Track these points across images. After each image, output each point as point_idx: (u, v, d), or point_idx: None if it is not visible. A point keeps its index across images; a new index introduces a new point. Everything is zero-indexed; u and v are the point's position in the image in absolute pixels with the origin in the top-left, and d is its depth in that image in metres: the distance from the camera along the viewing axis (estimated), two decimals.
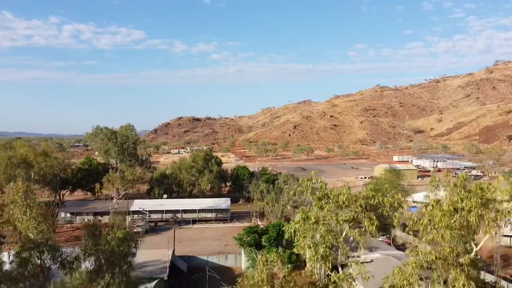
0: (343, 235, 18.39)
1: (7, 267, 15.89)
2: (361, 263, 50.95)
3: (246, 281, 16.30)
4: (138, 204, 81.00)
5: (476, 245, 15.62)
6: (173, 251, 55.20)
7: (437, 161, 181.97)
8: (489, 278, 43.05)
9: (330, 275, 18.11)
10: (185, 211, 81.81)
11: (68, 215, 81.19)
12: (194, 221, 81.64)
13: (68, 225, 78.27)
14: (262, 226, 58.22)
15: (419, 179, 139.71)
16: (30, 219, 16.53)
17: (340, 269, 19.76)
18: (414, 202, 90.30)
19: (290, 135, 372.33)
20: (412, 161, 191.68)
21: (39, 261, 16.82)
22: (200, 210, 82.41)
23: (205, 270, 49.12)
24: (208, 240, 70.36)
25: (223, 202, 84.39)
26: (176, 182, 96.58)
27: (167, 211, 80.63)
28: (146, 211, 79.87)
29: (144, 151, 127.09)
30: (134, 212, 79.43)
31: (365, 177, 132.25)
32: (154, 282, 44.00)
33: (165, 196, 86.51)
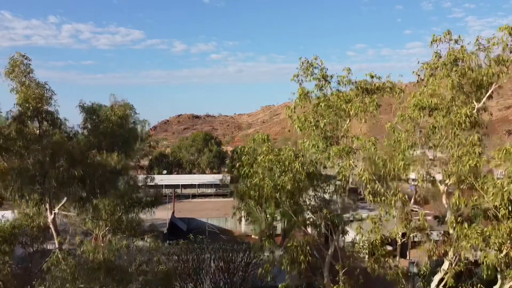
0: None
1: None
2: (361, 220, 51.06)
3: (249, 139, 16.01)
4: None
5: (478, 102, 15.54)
6: (173, 212, 55.28)
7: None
8: None
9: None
10: (184, 186, 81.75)
11: None
12: (194, 196, 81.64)
13: None
14: None
15: None
16: (28, 87, 16.44)
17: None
18: (413, 180, 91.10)
19: (289, 131, 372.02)
20: None
21: (38, 131, 16.72)
22: (200, 185, 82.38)
23: (204, 232, 49.20)
24: (207, 211, 70.33)
25: (223, 178, 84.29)
26: (175, 162, 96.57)
27: (166, 186, 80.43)
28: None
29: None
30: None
31: None
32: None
33: (164, 172, 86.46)
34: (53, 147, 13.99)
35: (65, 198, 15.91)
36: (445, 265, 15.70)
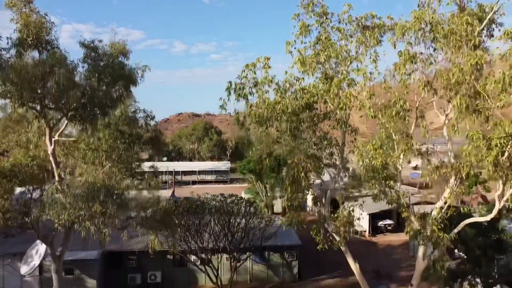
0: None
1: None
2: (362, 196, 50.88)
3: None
4: None
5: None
6: (173, 192, 55.27)
7: (435, 145, 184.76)
8: None
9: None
10: (185, 173, 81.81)
11: None
12: (194, 183, 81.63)
13: None
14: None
15: None
16: (28, 15, 16.34)
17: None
18: (415, 168, 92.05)
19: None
20: None
21: (39, 69, 16.56)
22: (200, 172, 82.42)
23: None
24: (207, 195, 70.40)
25: (223, 165, 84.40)
26: (176, 151, 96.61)
27: (166, 172, 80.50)
28: (145, 172, 79.92)
29: None
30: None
31: None
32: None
33: (164, 158, 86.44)
34: (52, 60, 13.87)
35: (65, 122, 15.83)
36: (446, 192, 15.66)
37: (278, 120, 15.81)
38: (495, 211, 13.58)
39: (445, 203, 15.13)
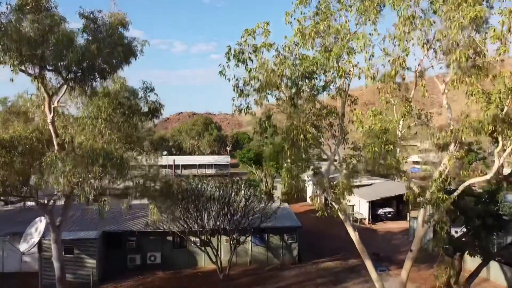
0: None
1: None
2: (363, 185, 50.74)
3: None
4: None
5: None
6: None
7: None
8: None
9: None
10: (185, 166, 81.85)
11: None
12: (194, 177, 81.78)
13: None
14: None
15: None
16: None
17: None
18: (413, 163, 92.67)
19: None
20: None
21: (38, 27, 16.51)
22: (200, 166, 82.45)
23: None
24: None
25: (223, 159, 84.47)
26: (176, 146, 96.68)
27: (166, 166, 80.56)
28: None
29: None
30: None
31: None
32: None
33: (164, 153, 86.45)
34: (52, 22, 13.80)
35: (65, 88, 15.76)
36: (446, 159, 15.64)
37: (278, 87, 15.79)
38: (494, 168, 13.54)
39: (446, 168, 15.11)
